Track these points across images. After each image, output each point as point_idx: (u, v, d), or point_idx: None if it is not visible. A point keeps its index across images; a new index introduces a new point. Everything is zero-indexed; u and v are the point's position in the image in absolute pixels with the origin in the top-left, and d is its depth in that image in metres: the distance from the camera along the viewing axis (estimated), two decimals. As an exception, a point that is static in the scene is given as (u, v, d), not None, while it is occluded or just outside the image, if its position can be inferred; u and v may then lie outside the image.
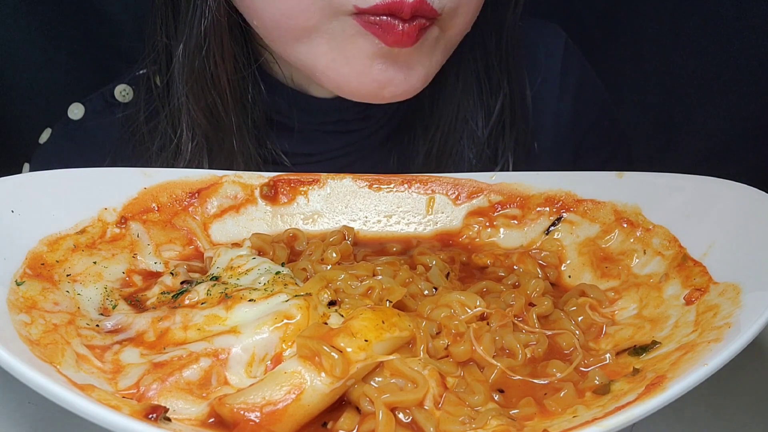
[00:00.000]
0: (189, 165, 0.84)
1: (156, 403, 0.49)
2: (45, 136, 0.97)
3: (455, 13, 0.70)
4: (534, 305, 0.61)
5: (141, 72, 0.90)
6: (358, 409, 0.50)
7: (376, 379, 0.51)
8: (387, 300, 0.59)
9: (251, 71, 0.83)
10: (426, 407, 0.50)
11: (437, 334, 0.57)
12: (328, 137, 0.89)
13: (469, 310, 0.58)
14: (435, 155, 0.89)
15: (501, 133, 0.90)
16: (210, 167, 0.84)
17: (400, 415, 0.50)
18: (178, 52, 0.80)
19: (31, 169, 0.96)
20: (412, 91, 0.74)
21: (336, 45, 0.70)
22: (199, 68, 0.79)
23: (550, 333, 0.59)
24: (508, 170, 0.90)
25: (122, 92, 0.94)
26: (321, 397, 0.49)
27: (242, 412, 0.48)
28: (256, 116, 0.85)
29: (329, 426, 0.50)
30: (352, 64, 0.70)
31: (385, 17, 0.66)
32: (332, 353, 0.49)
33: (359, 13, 0.66)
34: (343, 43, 0.69)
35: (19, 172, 0.96)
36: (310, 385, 0.49)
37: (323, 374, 0.49)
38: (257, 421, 0.48)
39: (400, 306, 0.59)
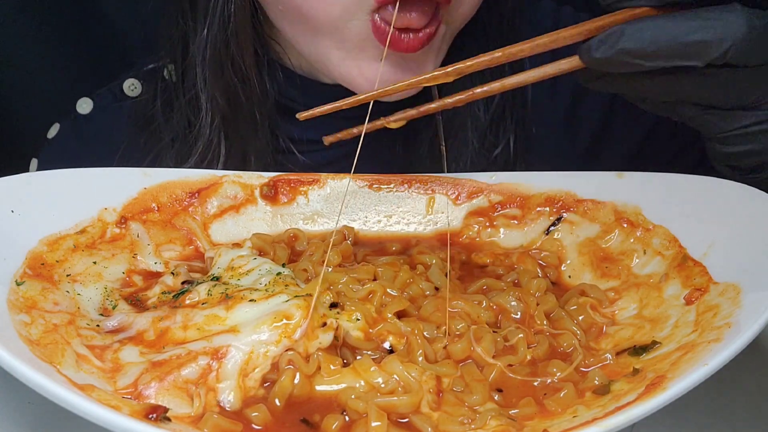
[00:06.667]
0: (206, 151, 0.84)
1: (154, 401, 0.49)
2: (53, 131, 0.98)
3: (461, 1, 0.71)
4: (538, 304, 0.61)
5: (150, 66, 0.91)
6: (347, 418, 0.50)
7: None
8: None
9: (266, 57, 0.84)
10: (423, 412, 0.50)
11: (437, 327, 0.57)
12: (336, 123, 0.90)
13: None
14: (439, 141, 0.90)
15: (501, 117, 0.90)
16: (227, 154, 0.85)
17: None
18: (200, 37, 0.81)
19: (40, 164, 0.97)
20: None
21: (347, 46, 0.71)
22: (221, 51, 0.80)
23: (550, 333, 0.59)
24: (508, 154, 0.90)
25: (131, 86, 0.95)
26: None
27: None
28: (270, 101, 0.86)
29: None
30: (361, 67, 0.72)
31: (396, 31, 0.67)
32: None
33: (380, 5, 0.67)
34: (354, 45, 0.70)
35: (27, 167, 0.97)
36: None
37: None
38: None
39: (401, 312, 0.60)
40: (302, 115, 0.61)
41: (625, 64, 0.51)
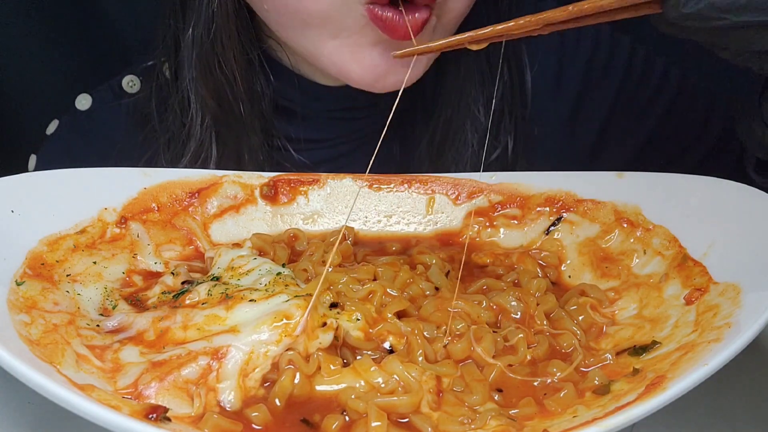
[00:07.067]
0: (199, 150, 0.84)
1: (154, 401, 0.49)
2: (52, 127, 0.98)
3: None
4: (538, 304, 0.61)
5: (149, 63, 0.91)
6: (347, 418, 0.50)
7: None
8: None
9: (257, 56, 0.84)
10: (423, 412, 0.50)
11: (437, 327, 0.57)
12: (333, 123, 0.90)
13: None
14: (438, 142, 0.90)
15: (501, 118, 0.90)
16: (218, 152, 0.85)
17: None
18: (187, 36, 0.81)
19: (39, 161, 0.97)
20: (412, 78, 0.75)
21: (344, 35, 0.71)
22: (207, 51, 0.81)
23: (550, 333, 0.59)
24: (507, 154, 0.90)
25: (130, 83, 0.95)
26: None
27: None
28: (263, 101, 0.86)
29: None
30: (355, 53, 0.72)
31: (390, 14, 0.67)
32: None
33: (370, 1, 0.67)
34: (353, 32, 0.71)
35: (26, 163, 0.97)
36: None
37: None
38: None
39: (401, 312, 0.60)
40: (396, 54, 0.62)
41: (712, 18, 0.49)
